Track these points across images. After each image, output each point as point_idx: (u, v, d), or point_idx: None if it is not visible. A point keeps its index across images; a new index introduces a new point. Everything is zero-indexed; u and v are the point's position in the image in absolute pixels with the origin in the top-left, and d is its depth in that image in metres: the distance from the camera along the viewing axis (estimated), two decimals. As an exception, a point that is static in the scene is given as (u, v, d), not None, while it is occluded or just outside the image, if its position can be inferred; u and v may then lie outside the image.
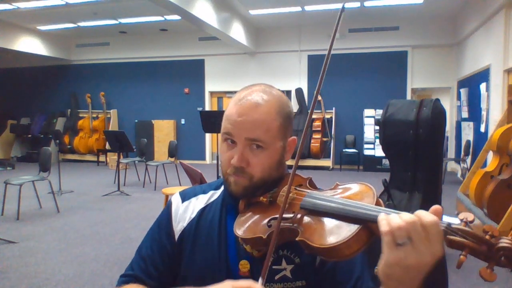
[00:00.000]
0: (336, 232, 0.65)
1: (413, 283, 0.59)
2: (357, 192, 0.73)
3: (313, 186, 0.83)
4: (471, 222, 0.58)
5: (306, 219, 0.72)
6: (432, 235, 0.57)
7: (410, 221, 0.57)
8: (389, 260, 0.58)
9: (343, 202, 0.69)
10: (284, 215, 0.73)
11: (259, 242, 0.76)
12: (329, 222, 0.68)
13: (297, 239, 0.69)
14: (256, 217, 0.81)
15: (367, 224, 0.63)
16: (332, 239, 0.64)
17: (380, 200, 0.69)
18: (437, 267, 0.58)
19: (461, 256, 0.56)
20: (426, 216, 0.58)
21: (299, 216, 0.73)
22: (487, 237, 0.56)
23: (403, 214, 0.59)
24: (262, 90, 0.87)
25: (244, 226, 0.80)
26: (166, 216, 0.96)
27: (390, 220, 0.59)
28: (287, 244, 0.80)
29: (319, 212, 0.71)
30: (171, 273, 0.93)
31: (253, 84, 0.90)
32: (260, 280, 0.69)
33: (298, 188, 0.80)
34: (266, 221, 0.77)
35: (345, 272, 0.83)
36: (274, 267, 0.82)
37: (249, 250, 0.81)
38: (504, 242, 0.55)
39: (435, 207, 0.60)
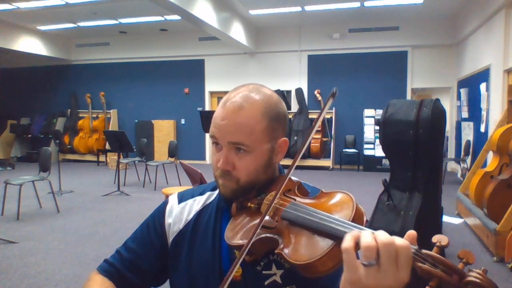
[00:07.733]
0: (311, 247, 0.64)
1: None
2: (337, 202, 0.71)
3: (302, 191, 0.82)
4: (445, 246, 0.53)
5: (287, 229, 0.71)
6: (401, 260, 0.52)
7: (386, 242, 0.52)
8: (347, 278, 0.55)
9: (320, 216, 0.67)
10: (267, 225, 0.73)
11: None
12: (307, 235, 0.67)
13: (276, 251, 0.69)
14: (245, 223, 0.81)
15: (342, 241, 0.59)
16: (306, 255, 0.63)
17: (361, 209, 0.67)
18: None
19: None
20: (397, 239, 0.53)
21: (280, 226, 0.73)
22: (461, 265, 0.52)
23: (378, 233, 0.54)
24: (249, 91, 0.84)
25: (233, 232, 0.80)
26: (158, 212, 0.97)
27: (362, 237, 0.54)
28: None
29: (298, 224, 0.70)
30: (154, 269, 0.92)
31: (243, 84, 0.88)
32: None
33: (286, 194, 0.79)
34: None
35: (331, 275, 0.82)
36: (264, 272, 0.80)
37: (237, 255, 0.81)
38: (473, 276, 0.51)
39: (410, 232, 0.56)
